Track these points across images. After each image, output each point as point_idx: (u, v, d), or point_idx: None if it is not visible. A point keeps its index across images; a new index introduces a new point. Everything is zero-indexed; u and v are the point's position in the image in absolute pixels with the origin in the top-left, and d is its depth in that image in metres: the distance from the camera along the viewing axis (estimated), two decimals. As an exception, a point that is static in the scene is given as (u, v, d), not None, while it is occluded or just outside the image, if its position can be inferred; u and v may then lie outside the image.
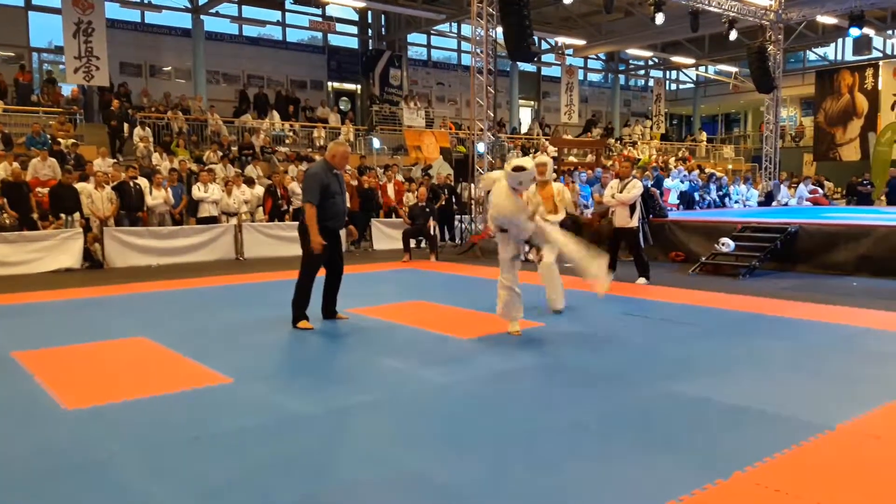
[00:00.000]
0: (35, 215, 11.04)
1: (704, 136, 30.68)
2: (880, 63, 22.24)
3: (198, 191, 12.48)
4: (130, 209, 11.68)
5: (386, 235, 13.96)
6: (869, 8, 18.69)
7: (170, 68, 21.73)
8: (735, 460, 3.16)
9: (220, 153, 15.67)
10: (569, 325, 5.49)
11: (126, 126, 16.00)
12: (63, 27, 15.48)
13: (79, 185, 11.44)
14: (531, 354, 5.24)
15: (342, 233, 6.77)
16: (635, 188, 8.80)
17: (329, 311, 6.57)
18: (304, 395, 4.32)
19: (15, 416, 3.94)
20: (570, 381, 4.60)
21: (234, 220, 12.60)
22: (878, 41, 25.35)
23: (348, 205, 12.60)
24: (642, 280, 8.91)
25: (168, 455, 3.32)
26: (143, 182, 12.07)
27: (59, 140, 14.00)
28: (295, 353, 5.68)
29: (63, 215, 11.21)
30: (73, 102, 17.02)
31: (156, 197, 12.03)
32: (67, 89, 17.64)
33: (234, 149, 16.75)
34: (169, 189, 12.23)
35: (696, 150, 28.39)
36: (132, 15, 20.47)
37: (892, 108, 20.78)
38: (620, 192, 8.85)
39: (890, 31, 23.58)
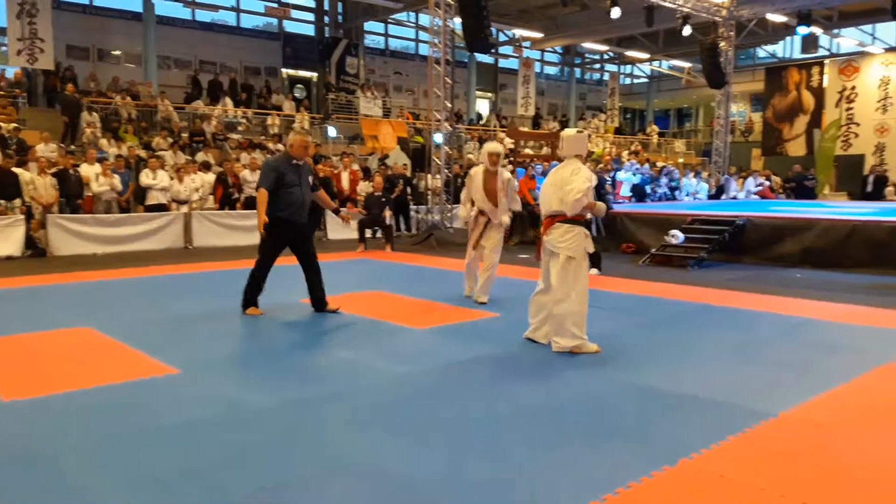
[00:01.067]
0: (-27, 201, 10.65)
1: (656, 129, 31.15)
2: (826, 61, 22.85)
3: (146, 177, 12.17)
4: (70, 197, 11.35)
5: (341, 225, 13.81)
6: (816, 7, 19.21)
7: (119, 52, 21.11)
8: (681, 447, 3.22)
9: (171, 140, 15.30)
10: (523, 315, 5.50)
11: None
12: (6, 7, 14.91)
13: (17, 171, 11.05)
14: (486, 345, 5.25)
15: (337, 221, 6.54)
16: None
17: (317, 305, 6.36)
18: (257, 386, 4.24)
19: (-51, 409, 3.78)
20: (523, 370, 4.63)
21: (184, 208, 12.33)
22: (824, 40, 26.02)
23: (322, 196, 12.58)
24: (594, 271, 8.98)
25: (112, 448, 3.23)
26: (83, 170, 11.72)
27: (1, 124, 13.50)
28: (246, 343, 5.60)
29: (3, 202, 10.83)
30: (15, 85, 16.40)
31: (102, 184, 11.69)
32: (11, 72, 16.98)
33: (185, 135, 16.38)
34: (116, 175, 11.90)
35: (648, 144, 28.81)
36: (79, -4, 19.81)
37: (836, 106, 21.34)
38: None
39: (836, 31, 24.20)
